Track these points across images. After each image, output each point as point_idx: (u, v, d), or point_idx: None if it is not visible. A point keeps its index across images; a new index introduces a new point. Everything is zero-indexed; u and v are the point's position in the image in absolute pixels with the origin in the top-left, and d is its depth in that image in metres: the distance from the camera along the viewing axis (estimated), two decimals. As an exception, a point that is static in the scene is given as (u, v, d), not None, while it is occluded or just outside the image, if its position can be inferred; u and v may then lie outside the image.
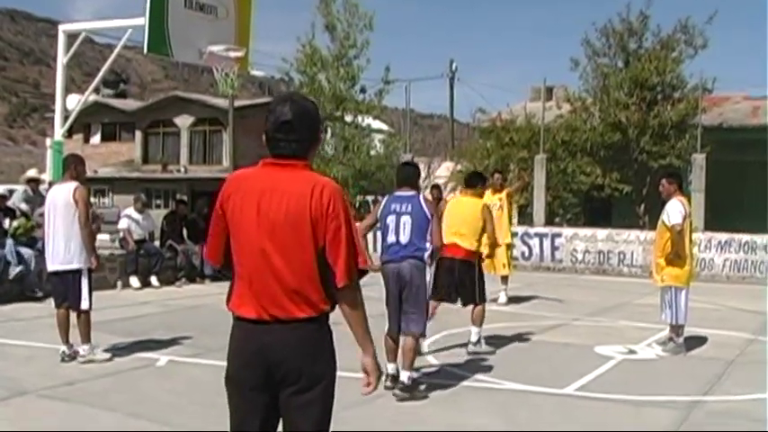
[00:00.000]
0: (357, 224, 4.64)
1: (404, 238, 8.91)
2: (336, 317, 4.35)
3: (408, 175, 9.37)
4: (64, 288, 10.41)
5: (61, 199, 10.32)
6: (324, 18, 32.48)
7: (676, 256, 11.59)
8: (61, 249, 10.26)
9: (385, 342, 9.01)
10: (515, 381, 9.78)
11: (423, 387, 9.25)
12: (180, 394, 8.92)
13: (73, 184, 10.35)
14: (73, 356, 10.41)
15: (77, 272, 10.35)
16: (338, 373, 4.52)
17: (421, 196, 9.16)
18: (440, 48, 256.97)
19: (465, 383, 9.66)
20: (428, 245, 8.94)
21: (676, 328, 11.72)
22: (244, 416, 4.35)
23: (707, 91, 27.76)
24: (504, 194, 16.56)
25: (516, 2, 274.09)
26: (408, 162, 11.68)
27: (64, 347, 10.42)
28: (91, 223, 10.59)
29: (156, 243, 19.63)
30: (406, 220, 8.91)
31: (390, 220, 9.00)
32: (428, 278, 9.05)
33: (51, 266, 10.45)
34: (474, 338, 11.37)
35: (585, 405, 8.91)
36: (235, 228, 4.32)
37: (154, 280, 18.61)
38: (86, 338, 10.45)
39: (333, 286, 4.26)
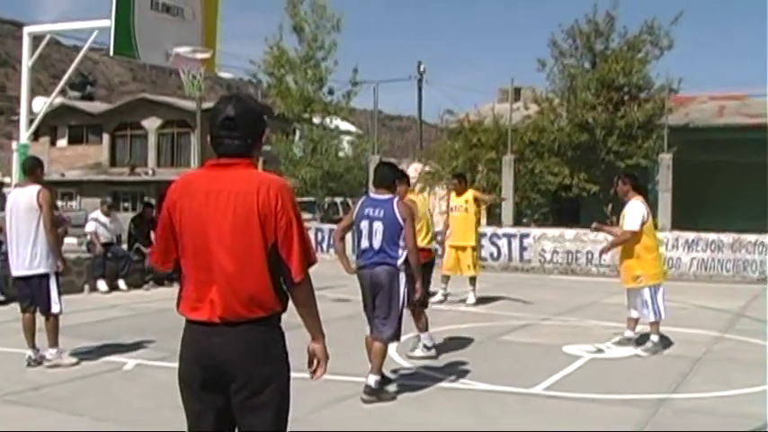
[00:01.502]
0: (331, 226, 4.66)
1: (376, 244, 8.87)
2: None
3: (384, 177, 9.23)
4: (31, 293, 10.32)
5: (24, 203, 10.18)
6: (291, 19, 32.46)
7: (645, 255, 11.67)
8: (27, 254, 10.14)
9: (366, 344, 9.08)
10: (484, 381, 9.79)
11: (393, 388, 9.24)
12: (147, 397, 8.89)
13: (35, 188, 10.23)
14: (39, 361, 10.32)
15: (44, 276, 10.26)
16: (305, 376, 4.52)
17: (395, 200, 9.07)
18: (408, 49, 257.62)
19: (434, 384, 9.65)
20: (401, 251, 8.89)
21: (656, 326, 11.77)
22: (197, 417, 4.35)
23: (673, 91, 27.87)
24: (470, 197, 16.58)
25: (483, 3, 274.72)
26: (386, 162, 11.47)
27: (30, 352, 10.33)
28: (56, 227, 10.48)
29: (124, 246, 19.54)
30: (378, 226, 8.86)
31: (364, 225, 8.95)
32: (403, 284, 8.95)
33: (16, 272, 10.33)
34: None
35: (554, 404, 8.93)
36: (183, 231, 4.31)
37: (121, 283, 18.53)
38: (54, 342, 10.38)
39: (288, 281, 4.29)
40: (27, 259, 10.16)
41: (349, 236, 9.81)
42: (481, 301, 16.63)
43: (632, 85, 28.24)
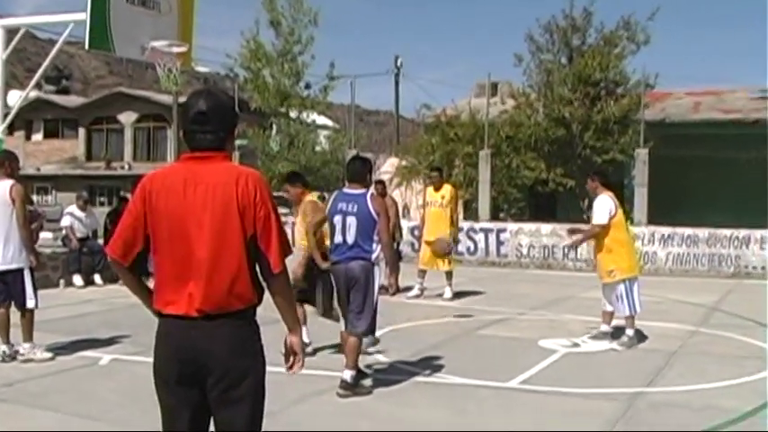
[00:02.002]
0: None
1: (350, 239, 8.86)
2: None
3: (356, 171, 9.21)
4: (5, 288, 10.24)
5: None
6: (268, 14, 32.41)
7: (617, 248, 11.73)
8: (0, 249, 10.07)
9: (341, 339, 9.12)
10: (460, 375, 9.80)
11: (369, 383, 9.24)
12: (123, 393, 8.85)
13: (8, 182, 10.15)
14: (13, 356, 10.28)
15: (19, 271, 10.21)
16: (282, 370, 4.52)
17: (368, 194, 9.06)
18: (385, 44, 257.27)
19: (410, 379, 9.65)
20: (375, 245, 8.90)
21: (632, 320, 11.82)
22: (172, 411, 4.34)
23: (649, 87, 27.95)
24: (447, 192, 16.59)
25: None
26: (358, 156, 11.52)
27: (4, 347, 10.28)
28: (29, 222, 10.42)
29: (100, 241, 19.43)
30: (351, 220, 8.86)
31: (337, 219, 8.94)
32: (377, 278, 8.96)
33: None
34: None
35: (529, 398, 8.96)
36: (159, 225, 4.30)
37: (97, 278, 18.45)
38: (29, 337, 10.34)
39: (266, 273, 4.30)
40: (0, 254, 10.08)
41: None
42: (458, 295, 16.64)
43: (609, 81, 28.30)
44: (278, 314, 4.44)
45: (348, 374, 8.80)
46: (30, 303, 10.29)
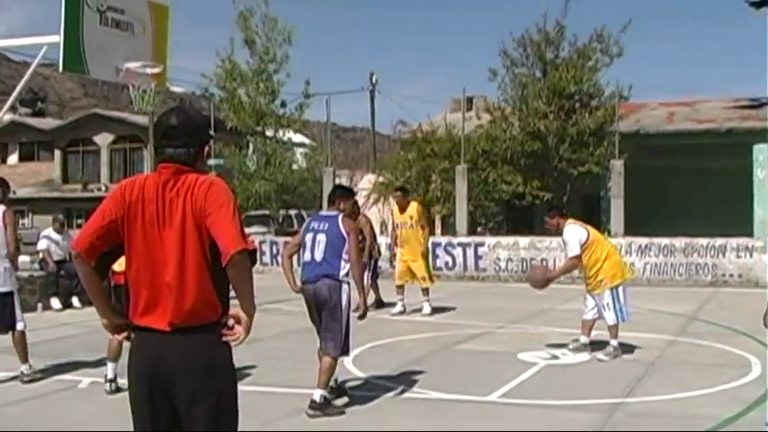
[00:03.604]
0: (285, 239, 4.63)
1: (318, 256, 8.92)
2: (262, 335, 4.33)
3: (332, 196, 9.51)
4: None
5: None
6: (243, 33, 32.40)
7: (602, 263, 11.78)
8: None
9: (318, 357, 9.02)
10: (439, 390, 9.79)
11: (342, 402, 9.21)
12: (102, 415, 8.82)
13: (1, 208, 10.22)
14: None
15: (9, 294, 10.34)
16: (262, 389, 4.53)
17: (340, 216, 9.17)
18: (359, 61, 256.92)
19: (389, 395, 9.64)
20: (343, 263, 8.91)
21: (616, 329, 11.85)
22: (144, 426, 4.35)
23: (623, 98, 28.13)
24: (414, 211, 16.60)
25: (434, 13, 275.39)
26: (339, 185, 11.82)
27: None
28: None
29: (77, 263, 19.35)
30: (321, 238, 8.95)
31: (308, 238, 9.05)
32: (346, 297, 8.93)
33: None
34: None
35: (508, 411, 8.97)
36: (133, 238, 4.32)
37: (75, 301, 18.34)
38: (26, 358, 10.45)
39: (221, 262, 4.17)
40: None
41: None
42: (436, 310, 16.63)
43: (583, 93, 28.48)
44: (255, 333, 4.43)
45: (318, 394, 8.74)
46: (20, 326, 10.45)
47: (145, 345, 4.29)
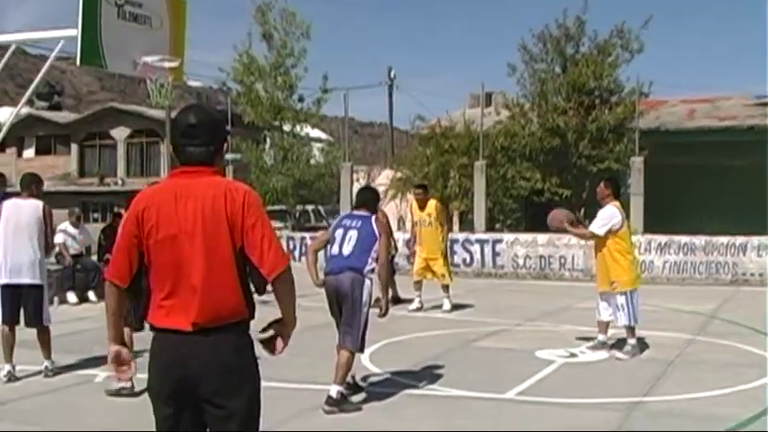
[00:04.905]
0: (302, 234, 4.61)
1: (346, 250, 8.95)
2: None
3: (365, 199, 9.56)
4: (20, 304, 10.42)
5: (26, 215, 10.41)
6: (260, 27, 32.30)
7: (621, 260, 11.69)
8: (26, 264, 10.30)
9: (337, 352, 9.01)
10: (456, 387, 9.76)
11: (358, 398, 9.18)
12: (118, 410, 8.79)
13: (38, 202, 10.55)
14: (17, 377, 10.25)
15: (41, 288, 10.52)
16: (279, 385, 4.49)
17: (373, 217, 9.28)
18: (378, 55, 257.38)
19: (406, 391, 9.60)
20: (370, 260, 8.93)
21: (632, 330, 11.76)
22: (166, 425, 4.32)
23: (644, 95, 27.92)
24: (433, 209, 16.56)
25: (454, 8, 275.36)
26: (367, 186, 11.89)
27: (8, 367, 10.26)
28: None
29: (93, 257, 19.36)
30: (352, 234, 9.02)
31: (338, 233, 9.12)
32: (367, 292, 8.92)
33: (10, 280, 10.33)
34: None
35: (525, 409, 8.92)
36: (152, 242, 4.29)
37: (91, 295, 18.34)
38: (50, 354, 10.57)
39: (262, 281, 4.31)
40: (26, 269, 10.31)
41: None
42: (454, 307, 16.59)
43: (603, 89, 28.28)
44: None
45: (335, 390, 8.73)
46: (46, 321, 10.59)
47: (167, 345, 4.27)
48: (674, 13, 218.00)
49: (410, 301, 16.52)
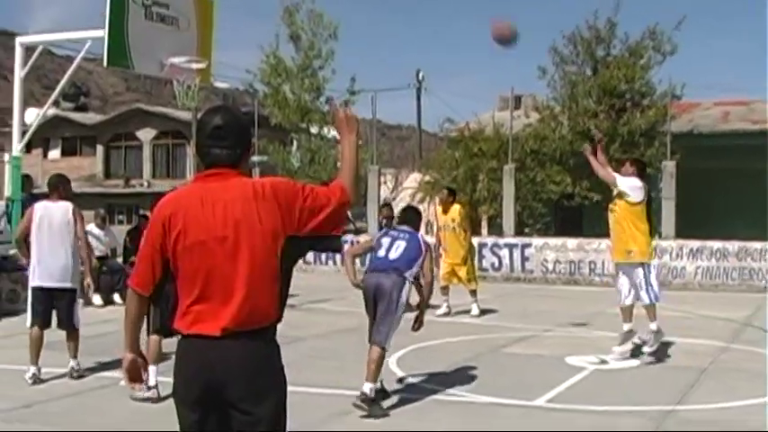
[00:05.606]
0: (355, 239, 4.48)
1: (393, 255, 9.21)
2: (301, 338, 4.14)
3: (410, 218, 9.93)
4: (52, 306, 10.44)
5: (58, 217, 10.45)
6: (288, 28, 32.30)
7: (638, 232, 11.56)
8: (58, 268, 10.33)
9: (369, 352, 9.02)
10: (485, 393, 9.64)
11: (388, 403, 9.09)
12: (143, 413, 8.71)
13: (69, 204, 10.59)
14: (42, 379, 10.22)
15: (74, 291, 10.55)
16: (306, 390, 4.36)
17: (420, 234, 9.65)
18: (406, 57, 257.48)
19: (434, 397, 9.52)
20: (413, 270, 9.22)
21: (653, 309, 11.53)
22: (192, 430, 4.24)
23: (676, 97, 27.72)
24: (456, 214, 16.48)
25: (483, 10, 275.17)
26: (411, 206, 12.33)
27: (33, 369, 10.20)
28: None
29: (119, 259, 19.32)
30: (400, 243, 9.31)
31: (385, 240, 9.44)
32: (405, 295, 9.09)
33: (43, 283, 10.37)
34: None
35: (556, 417, 8.81)
36: (180, 247, 4.20)
37: (116, 297, 18.24)
38: (76, 354, 10.61)
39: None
40: (59, 272, 10.33)
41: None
42: (483, 312, 16.50)
43: (634, 92, 28.11)
44: (298, 332, 4.31)
45: (368, 387, 8.71)
46: (77, 324, 10.64)
47: (194, 350, 4.18)
48: (709, 13, 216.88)
49: (437, 306, 16.38)
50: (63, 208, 10.53)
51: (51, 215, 10.45)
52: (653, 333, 11.50)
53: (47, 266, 10.31)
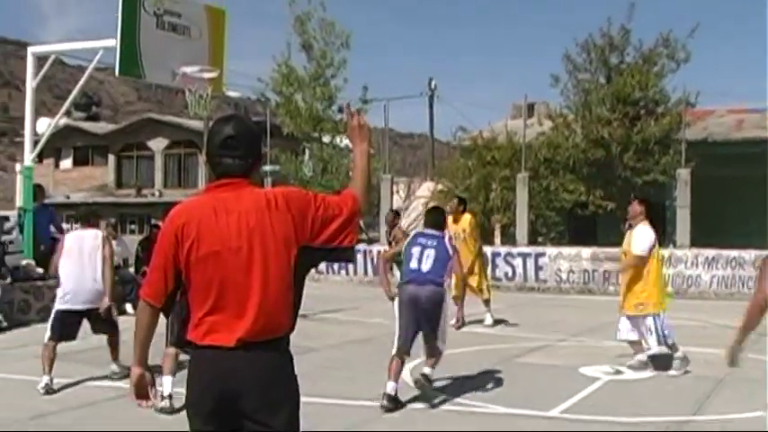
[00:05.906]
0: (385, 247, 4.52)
1: (425, 267, 9.55)
2: (319, 350, 4.07)
3: (436, 220, 10.28)
4: (77, 326, 10.78)
5: (89, 244, 10.83)
6: (300, 37, 32.33)
7: (650, 281, 11.43)
8: (91, 291, 10.73)
9: (390, 362, 9.24)
10: (499, 404, 9.60)
11: (401, 413, 9.08)
12: (155, 423, 8.65)
13: (97, 231, 11.15)
14: (54, 389, 10.24)
15: (111, 306, 11.01)
16: (321, 401, 4.30)
17: (446, 236, 10.04)
18: (418, 66, 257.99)
19: (448, 407, 9.50)
20: (446, 278, 9.69)
21: (671, 346, 11.47)
22: None
23: (690, 105, 27.62)
24: (467, 225, 16.38)
25: (495, 18, 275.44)
26: (436, 207, 12.45)
27: (46, 379, 10.22)
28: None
29: (131, 269, 19.29)
30: (429, 252, 9.64)
31: (415, 251, 9.72)
32: (447, 302, 9.63)
33: (80, 306, 10.69)
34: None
35: (571, 427, 8.77)
36: (193, 258, 4.16)
37: (128, 307, 18.18)
38: (117, 356, 11.11)
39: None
40: (91, 296, 10.70)
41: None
42: (496, 322, 16.43)
43: (648, 100, 28.05)
44: (311, 342, 4.26)
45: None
46: (117, 324, 11.28)
47: (208, 362, 4.14)
48: (723, 20, 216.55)
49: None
50: (92, 235, 10.95)
51: (82, 243, 10.84)
52: (679, 360, 11.49)
53: (77, 292, 10.62)
